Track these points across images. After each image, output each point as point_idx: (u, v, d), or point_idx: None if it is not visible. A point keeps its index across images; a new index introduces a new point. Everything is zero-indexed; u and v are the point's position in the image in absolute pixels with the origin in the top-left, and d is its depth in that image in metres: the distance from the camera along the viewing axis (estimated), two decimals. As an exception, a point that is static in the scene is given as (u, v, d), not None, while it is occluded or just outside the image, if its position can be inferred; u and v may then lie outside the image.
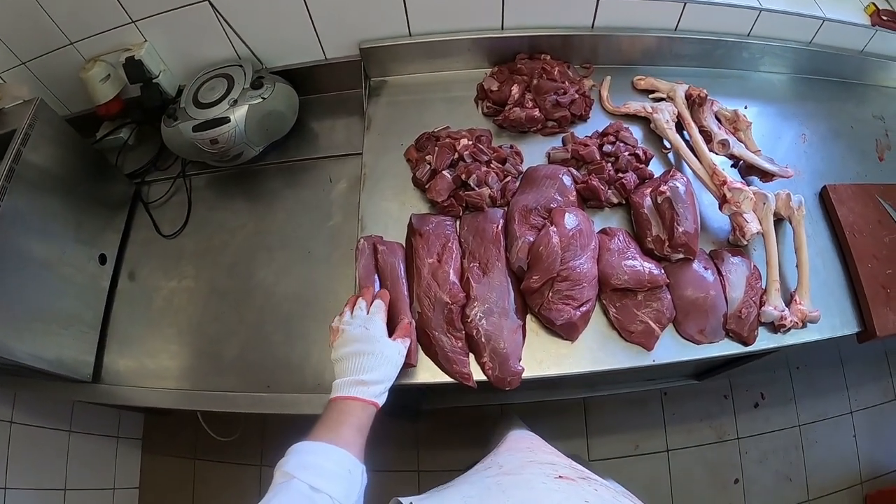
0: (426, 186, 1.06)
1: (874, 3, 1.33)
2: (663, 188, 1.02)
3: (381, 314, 0.86)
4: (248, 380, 1.05)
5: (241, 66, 1.16)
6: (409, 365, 0.94)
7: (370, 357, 0.79)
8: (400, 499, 0.59)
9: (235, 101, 1.11)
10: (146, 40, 1.15)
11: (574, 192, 1.05)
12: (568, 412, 1.74)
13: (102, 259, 1.14)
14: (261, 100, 1.11)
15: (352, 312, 0.87)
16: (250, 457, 1.62)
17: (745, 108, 1.24)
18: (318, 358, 1.04)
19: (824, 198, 1.19)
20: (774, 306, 1.02)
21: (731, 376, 1.68)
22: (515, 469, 0.65)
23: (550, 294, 0.95)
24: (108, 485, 1.52)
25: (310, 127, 1.25)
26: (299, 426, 0.69)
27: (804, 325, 1.05)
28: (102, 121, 1.29)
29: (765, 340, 1.03)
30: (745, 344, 1.02)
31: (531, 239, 0.98)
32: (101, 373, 1.08)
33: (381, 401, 0.78)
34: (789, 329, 1.04)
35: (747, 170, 1.15)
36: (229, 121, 1.09)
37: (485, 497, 0.55)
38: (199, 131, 1.09)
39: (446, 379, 0.94)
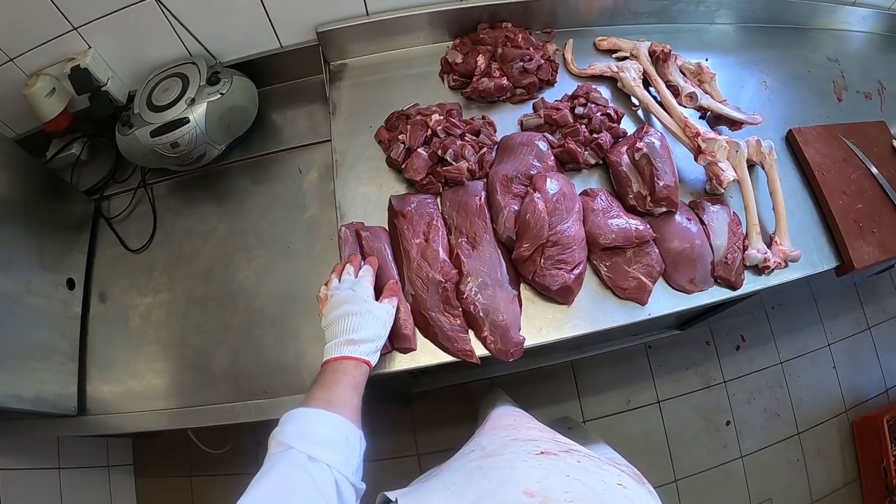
0: (402, 166, 0.99)
1: (818, -51, 1.31)
2: (640, 145, 0.98)
3: (368, 277, 0.83)
4: (242, 388, 0.97)
5: (194, 63, 1.06)
6: (408, 349, 0.88)
7: (359, 317, 0.76)
8: (387, 493, 0.57)
9: (193, 100, 1.01)
10: (90, 47, 1.04)
11: (552, 157, 1.00)
12: (558, 377, 1.71)
13: (70, 284, 1.04)
14: (219, 95, 1.02)
15: (339, 279, 0.83)
16: (246, 465, 1.50)
17: (707, 60, 1.21)
18: (314, 355, 0.97)
19: (791, 141, 1.17)
20: (757, 249, 1.00)
21: (710, 323, 1.67)
22: (497, 450, 0.61)
23: (542, 260, 0.90)
24: (106, 515, 1.42)
25: (272, 119, 1.16)
26: None
27: (786, 265, 1.04)
28: (52, 138, 1.17)
29: (751, 283, 1.01)
30: (734, 288, 1.00)
31: (516, 207, 0.93)
32: (85, 404, 0.99)
33: (374, 360, 0.76)
34: (773, 270, 1.02)
35: (715, 120, 1.12)
36: (188, 121, 0.99)
37: (467, 482, 0.54)
38: (157, 136, 0.99)
39: (449, 359, 0.89)
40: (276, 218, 1.08)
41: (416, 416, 1.65)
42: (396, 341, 0.88)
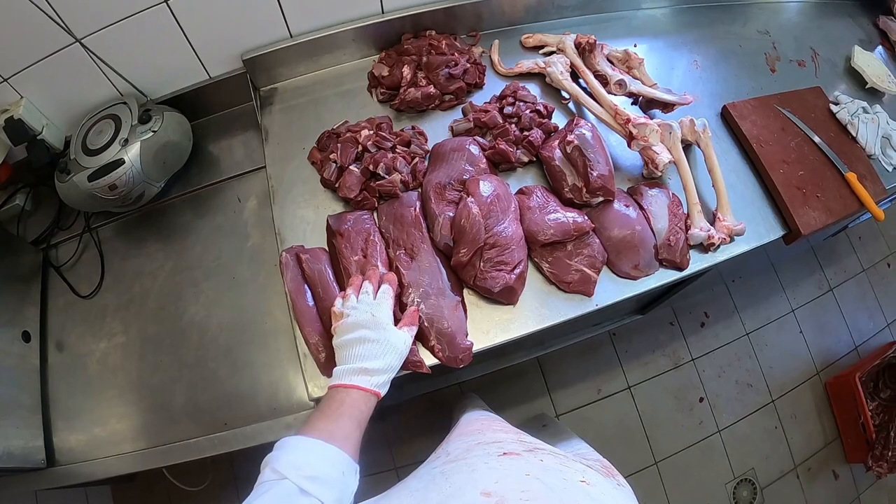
0: (336, 185, 0.96)
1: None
2: (570, 137, 0.96)
3: (389, 301, 0.79)
4: (203, 423, 0.94)
5: (125, 103, 1.03)
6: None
7: (375, 345, 0.72)
8: None
9: (126, 141, 0.98)
10: (22, 97, 1.00)
11: (484, 160, 0.97)
12: (526, 374, 1.67)
13: (26, 337, 1.00)
14: (151, 133, 0.99)
15: (357, 296, 0.78)
16: (227, 499, 1.49)
17: (635, 46, 1.20)
18: (268, 381, 0.95)
19: (726, 117, 1.16)
20: (700, 227, 0.98)
21: (672, 303, 1.65)
22: (461, 455, 0.59)
23: (481, 264, 0.88)
24: (90, 564, 1.37)
25: (208, 150, 1.13)
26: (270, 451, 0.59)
27: (732, 240, 1.02)
28: (-8, 193, 1.13)
29: (698, 262, 0.99)
30: (680, 269, 0.98)
31: (451, 214, 0.90)
32: (54, 455, 0.96)
33: (384, 391, 0.71)
34: (718, 246, 1.00)
35: (647, 104, 1.10)
36: (124, 162, 0.96)
37: (429, 487, 0.52)
38: (94, 179, 0.95)
39: (401, 372, 0.86)
40: (220, 250, 1.05)
41: (390, 431, 1.61)
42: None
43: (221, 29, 1.01)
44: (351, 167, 0.95)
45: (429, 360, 0.86)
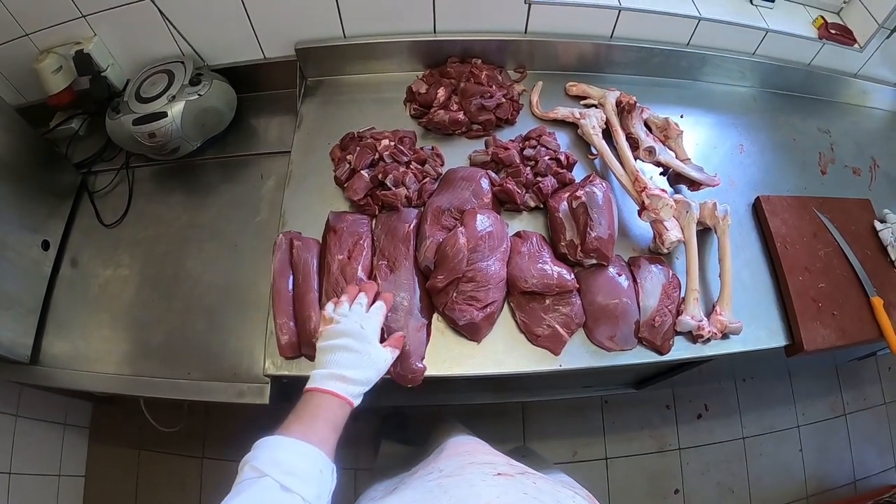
0: (345, 185, 1.00)
1: (822, 17, 1.24)
2: (579, 193, 0.95)
3: (379, 317, 0.79)
4: (170, 366, 1.00)
5: (182, 62, 1.12)
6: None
7: (357, 356, 0.72)
8: None
9: (173, 97, 1.06)
10: (95, 34, 1.11)
11: (490, 195, 0.98)
12: (506, 416, 1.64)
13: (45, 245, 1.09)
14: (197, 96, 1.07)
15: (350, 305, 0.79)
16: (193, 449, 1.55)
17: (682, 116, 1.17)
18: (235, 347, 1.00)
19: (757, 208, 1.11)
20: (692, 316, 0.95)
21: (673, 386, 1.58)
22: (455, 471, 0.60)
23: (455, 294, 0.89)
24: (53, 471, 1.45)
25: (249, 123, 1.20)
26: (241, 421, 0.61)
27: (725, 336, 0.97)
28: (55, 111, 1.25)
29: (681, 350, 0.96)
30: (660, 353, 0.95)
31: (440, 239, 0.92)
32: (38, 355, 1.04)
33: (357, 402, 0.71)
34: (708, 340, 0.96)
35: (676, 178, 1.07)
36: (166, 116, 1.04)
37: (427, 500, 0.53)
38: (138, 125, 1.04)
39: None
40: (231, 217, 1.11)
41: (360, 432, 1.60)
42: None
43: (281, 15, 1.07)
44: (362, 171, 0.99)
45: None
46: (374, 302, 0.81)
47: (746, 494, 1.63)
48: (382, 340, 0.78)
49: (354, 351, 0.72)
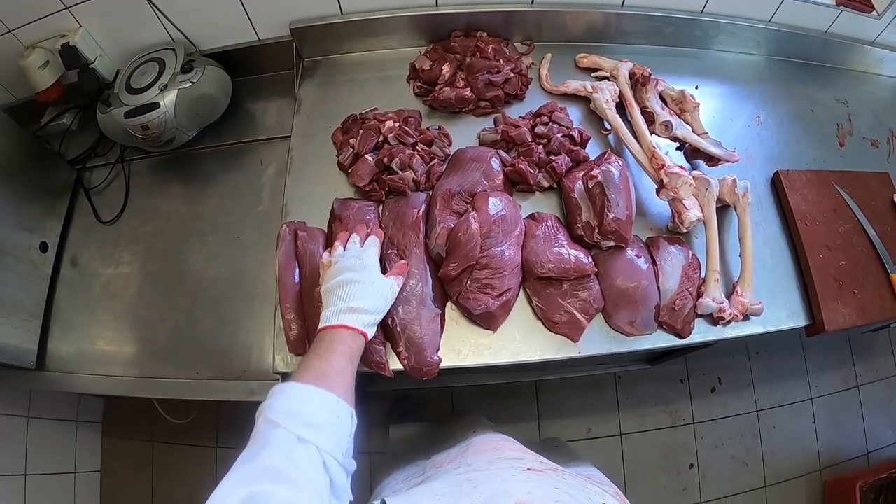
0: (349, 170, 0.95)
1: (840, -19, 1.17)
2: (595, 172, 0.90)
3: (375, 248, 0.80)
4: (178, 365, 0.98)
5: (173, 49, 1.06)
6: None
7: (361, 286, 0.72)
8: (373, 501, 0.57)
9: (165, 86, 1.01)
10: (81, 26, 1.05)
11: (501, 176, 0.93)
12: (520, 395, 1.62)
13: (43, 247, 1.06)
14: (190, 84, 1.01)
15: (344, 248, 0.79)
16: (206, 438, 1.55)
17: (697, 88, 1.11)
18: (243, 343, 0.97)
19: (776, 184, 1.06)
20: (713, 298, 0.91)
21: (687, 361, 1.56)
22: (484, 466, 0.61)
23: (469, 282, 0.85)
24: (69, 469, 1.44)
25: (245, 108, 1.14)
26: (253, 409, 0.58)
27: (746, 318, 0.94)
28: (46, 107, 1.19)
29: (702, 333, 0.93)
30: (680, 336, 0.92)
31: (451, 224, 0.87)
32: (44, 360, 1.01)
33: (371, 333, 0.72)
34: (729, 322, 0.93)
35: (692, 153, 1.03)
36: (159, 106, 0.99)
37: (457, 494, 0.53)
38: (130, 117, 0.99)
39: (363, 368, 0.85)
40: (232, 208, 1.06)
41: (372, 415, 1.60)
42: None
43: (274, -6, 1.01)
44: (367, 156, 0.94)
45: (394, 364, 0.85)
46: (366, 239, 0.82)
47: (760, 468, 1.63)
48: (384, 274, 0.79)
49: (358, 282, 0.72)
